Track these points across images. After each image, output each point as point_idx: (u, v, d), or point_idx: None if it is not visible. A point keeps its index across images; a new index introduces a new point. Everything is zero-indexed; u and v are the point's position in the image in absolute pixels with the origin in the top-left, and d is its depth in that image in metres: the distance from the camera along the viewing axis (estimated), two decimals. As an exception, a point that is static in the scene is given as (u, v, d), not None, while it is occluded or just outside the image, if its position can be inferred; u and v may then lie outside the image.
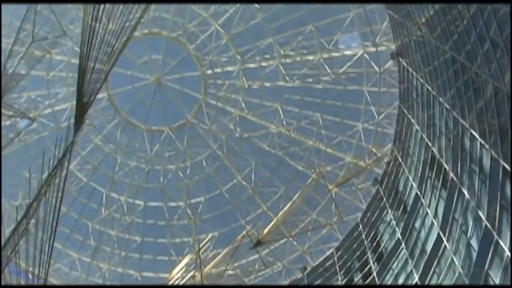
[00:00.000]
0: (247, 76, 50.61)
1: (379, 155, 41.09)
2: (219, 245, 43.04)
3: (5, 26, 45.68)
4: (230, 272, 35.34)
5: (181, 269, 32.98)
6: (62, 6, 45.52)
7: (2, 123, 36.41)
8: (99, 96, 48.26)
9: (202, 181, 53.17)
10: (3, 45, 43.82)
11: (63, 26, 38.65)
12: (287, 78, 48.79)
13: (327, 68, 46.69)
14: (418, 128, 35.79)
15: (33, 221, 22.45)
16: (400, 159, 38.97)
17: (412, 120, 37.45)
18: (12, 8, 44.79)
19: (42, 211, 22.46)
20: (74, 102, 26.35)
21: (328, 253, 44.36)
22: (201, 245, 34.78)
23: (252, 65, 50.15)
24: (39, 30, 33.86)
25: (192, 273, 32.46)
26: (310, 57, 47.46)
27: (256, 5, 47.91)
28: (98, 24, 23.89)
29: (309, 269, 44.92)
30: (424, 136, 34.14)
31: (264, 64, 49.57)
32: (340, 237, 44.34)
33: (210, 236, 41.35)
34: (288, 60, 48.62)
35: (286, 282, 45.67)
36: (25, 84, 46.40)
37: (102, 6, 23.68)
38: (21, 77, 35.19)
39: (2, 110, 32.80)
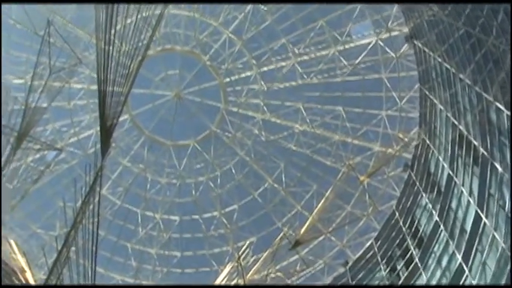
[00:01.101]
0: (265, 79, 50.72)
1: (407, 139, 40.77)
2: (258, 250, 43.12)
3: (23, 63, 46.62)
4: (272, 276, 35.34)
5: (223, 279, 33.09)
6: (74, 34, 46.27)
7: (32, 157, 37.05)
8: (122, 118, 48.70)
9: (234, 189, 53.29)
10: (21, 81, 44.74)
11: (77, 54, 39.15)
12: (304, 76, 48.77)
13: (343, 60, 46.61)
14: (442, 108, 35.48)
15: (73, 248, 22.77)
16: (428, 142, 38.67)
17: (435, 100, 37.15)
18: (28, 43, 45.64)
19: (81, 238, 22.76)
20: (98, 128, 26.66)
21: (367, 244, 44.06)
22: (240, 253, 34.86)
23: (268, 68, 50.24)
24: (55, 62, 34.39)
25: (235, 281, 32.55)
26: (325, 52, 47.36)
27: (264, 8, 48.07)
28: (111, 48, 24.10)
29: (350, 263, 44.71)
30: (449, 115, 33.83)
31: (280, 65, 49.58)
32: (378, 227, 44.00)
33: (248, 242, 41.45)
34: (303, 58, 48.60)
35: (329, 279, 45.49)
36: (48, 117, 47.13)
37: (113, 29, 23.89)
38: (44, 110, 35.73)
39: (30, 144, 33.44)
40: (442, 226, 33.15)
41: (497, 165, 25.46)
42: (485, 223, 27.14)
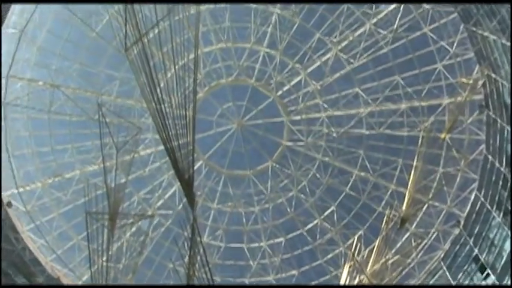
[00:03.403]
0: (314, 78, 50.77)
1: (471, 82, 39.78)
2: (368, 241, 42.83)
3: (90, 150, 48.53)
4: (391, 261, 34.96)
5: (345, 280, 32.99)
6: (125, 106, 47.89)
7: (129, 232, 38.26)
8: (197, 166, 49.87)
9: (325, 192, 53.08)
10: (95, 167, 46.46)
11: (135, 124, 40.36)
12: (351, 60, 48.58)
13: (381, 31, 46.30)
14: (495, 37, 34.70)
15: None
16: (493, 75, 37.66)
17: (484, 33, 36.35)
18: (87, 130, 47.65)
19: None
20: (179, 183, 27.26)
21: (472, 197, 42.90)
22: (352, 250, 34.70)
23: (313, 67, 50.32)
24: (118, 138, 35.53)
25: (357, 278, 32.42)
26: (361, 30, 47.23)
27: (289, 11, 48.53)
28: (162, 106, 24.69)
29: (462, 222, 43.64)
30: (504, 41, 33.01)
31: (323, 60, 49.59)
32: (476, 176, 42.84)
33: (356, 237, 41.15)
34: (343, 45, 48.51)
35: (447, 245, 44.51)
36: (130, 190, 48.57)
37: (158, 88, 24.47)
38: (124, 185, 36.83)
39: (123, 221, 34.50)
40: (538, 152, 32.12)
41: None
42: None
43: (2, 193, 41.52)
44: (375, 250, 33.29)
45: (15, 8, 38.86)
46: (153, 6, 23.77)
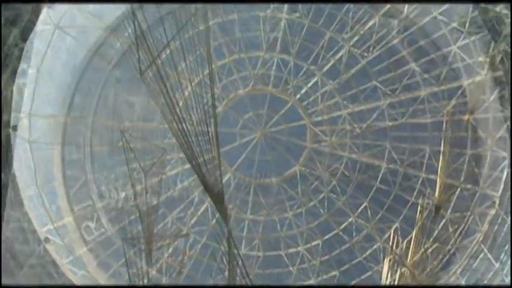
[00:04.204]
0: (330, 77, 50.67)
1: (488, 60, 39.45)
2: (405, 232, 42.50)
3: (119, 177, 48.91)
4: (431, 250, 34.71)
5: (387, 275, 32.85)
6: (147, 129, 48.30)
7: (166, 254, 38.49)
8: (225, 179, 50.08)
9: (355, 189, 52.73)
10: (125, 192, 46.87)
11: (159, 145, 40.68)
12: (365, 54, 48.50)
13: (391, 21, 46.21)
14: (507, 11, 34.49)
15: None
16: (510, 49, 37.32)
17: (496, 9, 36.15)
18: (115, 158, 48.15)
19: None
20: (209, 199, 27.42)
21: (504, 175, 42.31)
22: (390, 243, 34.54)
23: (328, 66, 50.24)
24: (144, 162, 35.85)
25: (399, 272, 32.24)
26: (371, 23, 47.22)
27: (297, 14, 48.65)
28: (183, 124, 24.89)
29: (498, 201, 43.09)
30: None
31: (337, 57, 49.55)
32: (506, 154, 42.32)
33: (392, 230, 40.98)
34: (354, 40, 48.46)
35: (486, 227, 43.92)
36: (163, 211, 48.83)
37: (177, 107, 24.66)
38: (157, 207, 37.14)
39: (160, 243, 34.78)
40: None
41: None
42: None
43: (39, 229, 42.11)
44: (412, 241, 33.14)
45: (29, 46, 39.37)
46: (162, 28, 24.05)
